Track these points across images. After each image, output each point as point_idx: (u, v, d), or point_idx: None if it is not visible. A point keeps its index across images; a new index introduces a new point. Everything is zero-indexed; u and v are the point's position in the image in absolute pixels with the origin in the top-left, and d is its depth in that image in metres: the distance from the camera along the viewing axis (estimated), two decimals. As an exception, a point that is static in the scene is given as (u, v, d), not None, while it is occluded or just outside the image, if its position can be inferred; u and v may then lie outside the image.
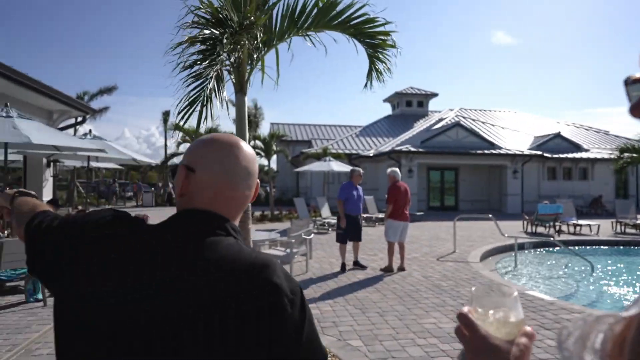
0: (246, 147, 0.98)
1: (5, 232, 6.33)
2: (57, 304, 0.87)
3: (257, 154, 21.65)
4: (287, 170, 28.72)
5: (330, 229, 13.19)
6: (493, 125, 26.89)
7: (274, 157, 22.09)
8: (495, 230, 11.06)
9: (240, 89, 4.01)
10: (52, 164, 10.31)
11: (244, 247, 0.87)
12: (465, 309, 0.67)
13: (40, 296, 5.64)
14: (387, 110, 35.63)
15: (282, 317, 0.79)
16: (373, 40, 4.47)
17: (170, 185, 29.30)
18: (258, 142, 20.07)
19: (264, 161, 19.51)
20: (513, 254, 8.84)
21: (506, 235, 9.95)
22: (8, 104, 6.02)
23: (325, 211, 14.62)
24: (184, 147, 16.41)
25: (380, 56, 4.57)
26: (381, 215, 13.97)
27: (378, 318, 5.04)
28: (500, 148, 21.81)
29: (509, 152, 21.63)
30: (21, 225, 1.05)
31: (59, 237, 0.92)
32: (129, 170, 51.17)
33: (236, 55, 3.83)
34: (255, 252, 0.86)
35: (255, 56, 3.97)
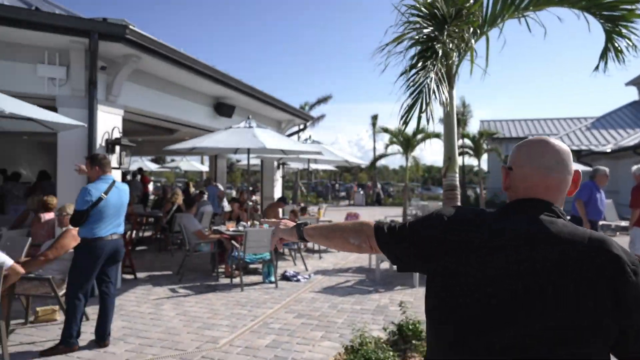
0: (553, 141, 1.16)
1: (249, 222, 7.66)
2: (438, 281, 1.12)
3: (465, 152, 20.67)
4: (499, 170, 26.54)
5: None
6: None
7: (484, 156, 20.67)
8: None
9: (448, 82, 3.85)
10: (280, 166, 12.08)
11: (577, 226, 1.06)
12: None
13: (273, 279, 6.63)
14: (629, 96, 29.19)
15: (627, 284, 0.96)
16: (613, 12, 3.69)
17: (379, 185, 30.67)
18: (467, 141, 19.14)
19: (473, 161, 18.51)
20: None
21: None
22: (250, 116, 7.29)
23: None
24: (392, 148, 16.91)
25: (623, 31, 3.74)
26: (624, 224, 11.63)
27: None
28: None
29: None
30: (360, 237, 1.34)
31: (431, 232, 1.16)
32: (342, 171, 55.95)
33: (449, 47, 3.68)
34: (588, 230, 1.05)
35: (463, 46, 3.74)
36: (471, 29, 3.77)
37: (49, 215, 5.67)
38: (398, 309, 4.26)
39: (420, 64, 3.29)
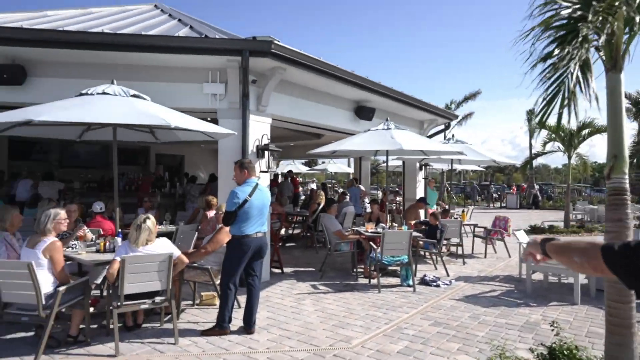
0: None
1: (388, 224, 7.63)
2: None
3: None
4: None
5: None
6: None
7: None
8: None
9: (613, 65, 3.24)
10: (423, 167, 11.76)
11: None
12: None
13: (410, 282, 6.49)
14: None
15: None
16: None
17: (537, 187, 27.54)
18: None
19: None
20: None
21: None
22: (388, 118, 7.27)
23: None
24: (551, 146, 15.01)
25: None
26: None
27: None
28: None
29: None
30: (584, 256, 1.30)
31: None
32: (494, 172, 51.79)
33: (608, 29, 3.12)
34: None
35: (638, 20, 3.09)
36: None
37: (211, 213, 6.53)
38: (551, 328, 3.75)
39: (558, 51, 2.85)
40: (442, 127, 12.10)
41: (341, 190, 14.32)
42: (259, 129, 6.70)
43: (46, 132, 5.41)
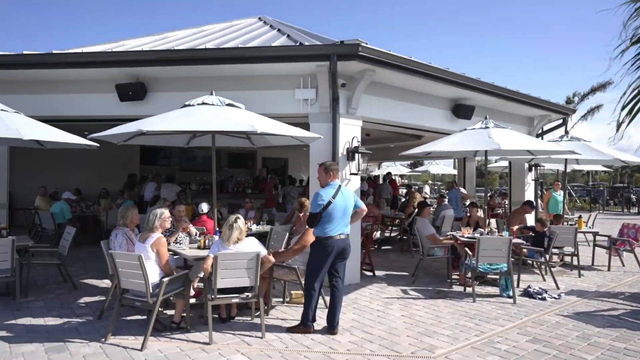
0: None
1: (487, 229, 7.13)
2: None
3: None
4: None
5: None
6: None
7: None
8: None
9: None
10: (533, 168, 10.72)
11: None
12: None
13: (511, 293, 5.98)
14: None
15: None
16: None
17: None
18: None
19: None
20: None
21: None
22: (487, 116, 6.80)
23: None
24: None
25: None
26: None
27: None
28: None
29: None
30: None
31: None
32: (632, 172, 45.09)
33: None
34: None
35: None
36: None
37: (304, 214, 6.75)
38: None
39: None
40: (559, 123, 10.89)
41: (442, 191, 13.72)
42: (349, 132, 6.76)
43: (158, 141, 6.11)
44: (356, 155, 6.79)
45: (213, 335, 4.25)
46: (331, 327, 4.49)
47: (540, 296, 6.05)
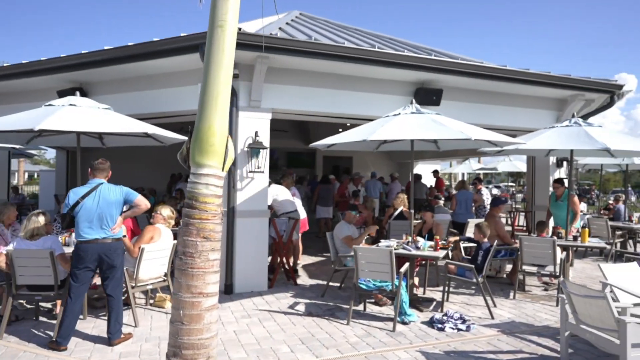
0: None
1: (412, 238, 5.88)
2: None
3: None
4: None
5: None
6: None
7: None
8: None
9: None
10: (563, 163, 8.47)
11: None
12: None
13: (407, 318, 4.82)
14: None
15: None
16: None
17: None
18: None
19: None
20: None
21: None
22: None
23: None
24: None
25: None
26: None
27: None
28: None
29: None
30: None
31: None
32: None
33: None
34: None
35: None
36: None
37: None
38: None
39: None
40: (604, 103, 8.40)
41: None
42: (252, 126, 6.19)
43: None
44: (261, 151, 6.21)
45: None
46: (109, 337, 4.17)
47: (440, 325, 4.76)
